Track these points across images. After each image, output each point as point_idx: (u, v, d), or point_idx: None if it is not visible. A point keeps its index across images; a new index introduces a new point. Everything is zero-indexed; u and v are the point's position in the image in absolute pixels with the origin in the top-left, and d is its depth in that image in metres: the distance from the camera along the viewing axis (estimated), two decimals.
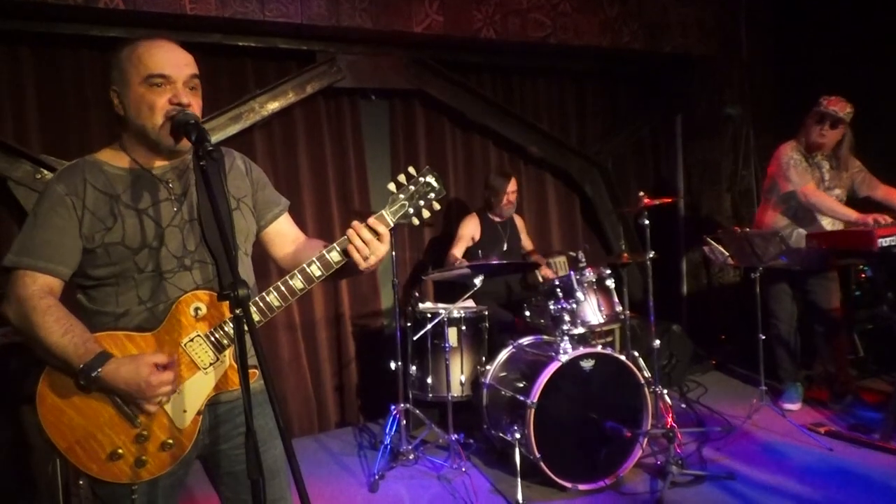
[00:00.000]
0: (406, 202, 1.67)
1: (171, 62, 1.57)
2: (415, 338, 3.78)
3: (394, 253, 3.67)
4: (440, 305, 3.85)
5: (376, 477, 3.42)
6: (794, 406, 4.04)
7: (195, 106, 1.59)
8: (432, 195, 1.69)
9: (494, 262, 3.79)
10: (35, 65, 3.65)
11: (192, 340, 1.57)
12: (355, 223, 1.62)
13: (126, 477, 1.53)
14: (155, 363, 1.49)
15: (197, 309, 1.57)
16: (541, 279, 4.33)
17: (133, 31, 3.63)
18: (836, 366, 4.11)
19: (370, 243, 1.60)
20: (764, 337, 3.86)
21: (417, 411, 3.72)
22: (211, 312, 1.58)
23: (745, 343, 4.46)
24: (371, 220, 1.62)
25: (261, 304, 1.61)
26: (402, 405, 3.65)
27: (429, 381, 3.80)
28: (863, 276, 4.80)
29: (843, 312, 4.11)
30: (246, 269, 1.73)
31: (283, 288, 1.61)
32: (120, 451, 1.51)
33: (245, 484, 1.46)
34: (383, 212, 1.66)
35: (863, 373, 4.69)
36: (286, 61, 4.21)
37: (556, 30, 4.60)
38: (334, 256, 1.63)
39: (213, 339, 1.58)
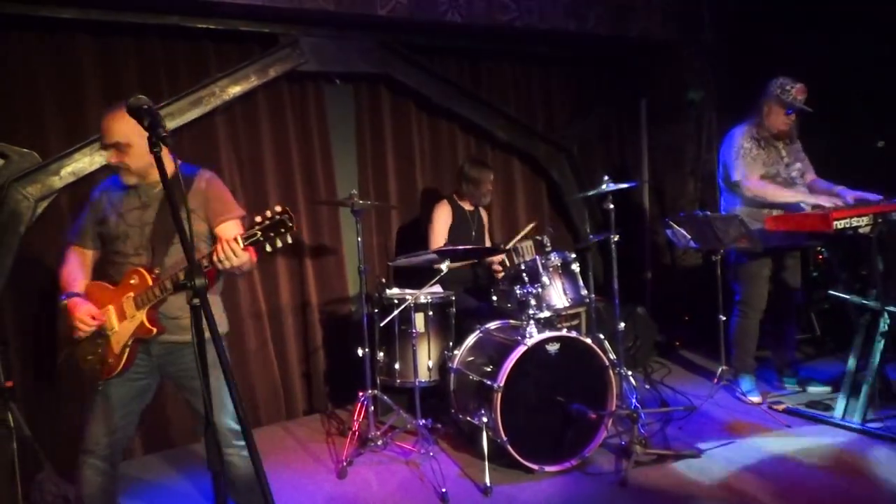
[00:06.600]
0: (259, 233, 2.01)
1: None
2: (382, 324, 3.77)
3: (360, 239, 3.65)
4: (407, 291, 3.84)
5: (344, 463, 3.42)
6: (756, 398, 3.95)
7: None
8: (283, 230, 1.99)
9: (461, 247, 3.79)
10: None
11: (127, 298, 2.33)
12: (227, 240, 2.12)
13: (95, 374, 2.38)
14: (91, 315, 2.31)
15: (132, 279, 2.34)
16: (497, 267, 4.34)
17: (87, 13, 3.51)
18: (790, 346, 4.22)
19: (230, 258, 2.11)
20: (724, 318, 3.94)
21: (385, 397, 3.72)
22: (140, 283, 2.33)
23: (707, 324, 4.54)
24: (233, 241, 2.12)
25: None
26: (370, 391, 3.64)
27: (396, 366, 3.80)
28: (820, 257, 4.93)
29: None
30: (175, 258, 2.35)
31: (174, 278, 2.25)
32: (90, 357, 2.40)
33: (189, 382, 2.41)
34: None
35: (820, 352, 4.84)
36: (248, 44, 4.11)
37: (522, 13, 4.58)
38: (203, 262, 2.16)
39: (136, 299, 2.31)
